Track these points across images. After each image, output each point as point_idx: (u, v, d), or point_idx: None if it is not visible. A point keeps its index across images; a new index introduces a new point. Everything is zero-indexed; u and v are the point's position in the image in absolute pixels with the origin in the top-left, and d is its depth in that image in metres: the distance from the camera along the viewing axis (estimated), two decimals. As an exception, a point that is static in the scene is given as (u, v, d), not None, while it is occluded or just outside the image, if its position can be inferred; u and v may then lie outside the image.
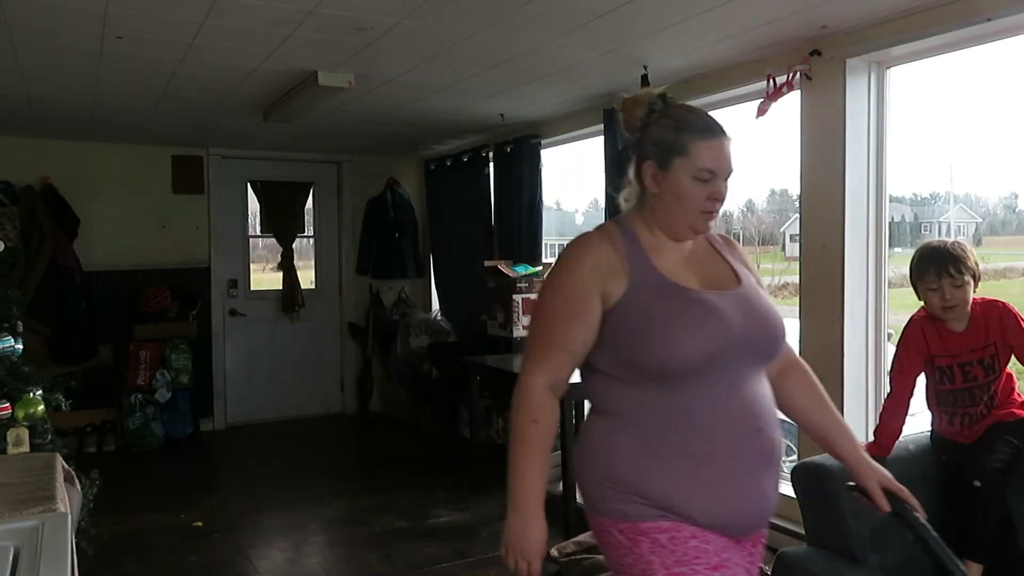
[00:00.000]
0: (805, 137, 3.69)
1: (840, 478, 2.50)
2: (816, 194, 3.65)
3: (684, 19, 3.25)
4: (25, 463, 2.26)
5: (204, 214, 6.66)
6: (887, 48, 3.32)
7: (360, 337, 7.26)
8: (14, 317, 3.08)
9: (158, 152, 6.45)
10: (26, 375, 2.90)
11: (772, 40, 3.56)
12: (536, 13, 3.14)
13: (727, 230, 10.44)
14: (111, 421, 6.11)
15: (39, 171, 5.96)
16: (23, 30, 3.31)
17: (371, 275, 7.27)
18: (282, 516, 4.56)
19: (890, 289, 3.67)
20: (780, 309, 1.74)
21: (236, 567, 3.84)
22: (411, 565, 3.78)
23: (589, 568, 3.48)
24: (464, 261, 6.40)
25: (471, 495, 4.81)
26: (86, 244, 6.07)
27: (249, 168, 6.90)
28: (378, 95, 4.61)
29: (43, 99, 4.64)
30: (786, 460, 5.07)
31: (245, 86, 4.35)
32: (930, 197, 7.18)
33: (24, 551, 1.45)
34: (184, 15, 3.13)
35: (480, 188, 6.32)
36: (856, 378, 3.56)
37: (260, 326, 6.98)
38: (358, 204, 7.27)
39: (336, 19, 3.19)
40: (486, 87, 4.49)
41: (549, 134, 5.60)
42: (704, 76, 4.19)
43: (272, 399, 7.00)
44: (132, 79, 4.18)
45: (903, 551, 2.52)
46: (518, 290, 5.37)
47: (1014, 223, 7.05)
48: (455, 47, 3.64)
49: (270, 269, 7.35)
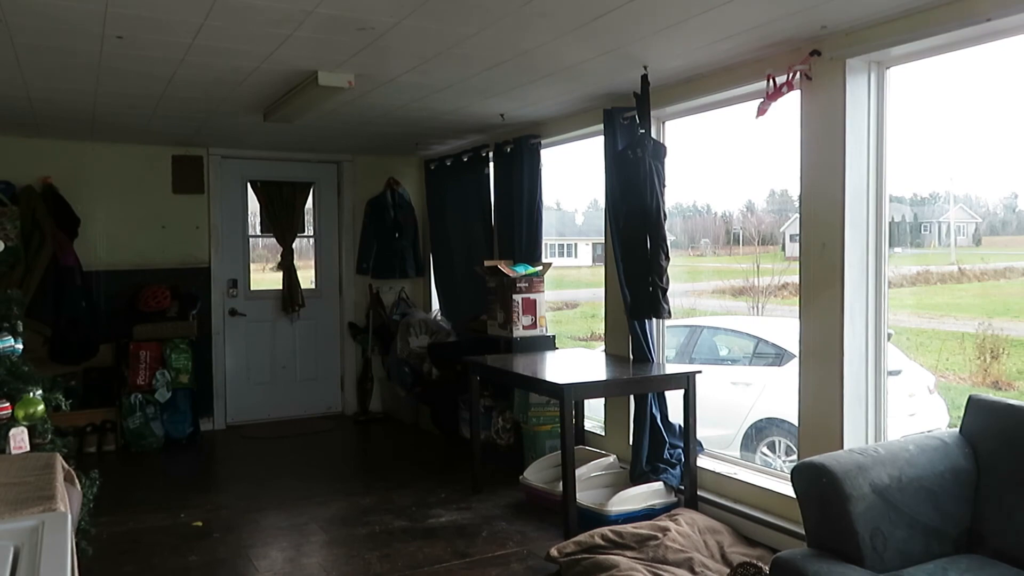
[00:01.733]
0: (805, 137, 3.69)
1: (840, 478, 2.51)
2: (816, 194, 3.65)
3: (684, 19, 3.26)
4: (25, 463, 2.26)
5: (204, 214, 6.66)
6: (887, 48, 3.32)
7: (360, 337, 7.26)
8: (14, 317, 3.08)
9: (158, 152, 6.46)
10: (26, 375, 2.90)
11: (772, 40, 3.56)
12: (536, 13, 3.14)
13: (727, 230, 10.45)
14: (111, 421, 6.11)
15: (39, 171, 5.96)
16: (23, 30, 3.31)
17: (371, 275, 7.27)
18: (282, 516, 4.56)
19: (890, 289, 3.67)
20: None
21: (236, 567, 3.84)
22: (411, 565, 3.78)
23: (589, 568, 3.48)
24: (464, 261, 6.40)
25: (471, 495, 4.81)
26: (86, 244, 6.07)
27: (249, 168, 6.91)
28: (378, 95, 4.61)
29: (43, 99, 4.65)
30: (786, 460, 5.08)
31: (245, 86, 4.35)
32: (930, 197, 7.17)
33: (24, 551, 1.44)
34: (184, 15, 3.13)
35: (480, 188, 6.32)
36: (856, 378, 3.55)
37: (260, 326, 6.98)
38: (358, 204, 7.27)
39: (336, 19, 3.19)
40: (486, 87, 4.49)
41: (549, 134, 5.60)
42: (704, 76, 4.19)
43: (272, 399, 7.00)
44: (132, 79, 4.18)
45: (903, 551, 2.52)
46: (518, 290, 5.37)
47: (1014, 223, 7.05)
48: (455, 47, 3.64)
49: (270, 269, 7.35)
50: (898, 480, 2.57)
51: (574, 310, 11.42)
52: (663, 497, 4.28)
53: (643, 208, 4.35)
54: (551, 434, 5.06)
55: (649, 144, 4.33)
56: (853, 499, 2.46)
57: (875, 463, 2.59)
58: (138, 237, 6.39)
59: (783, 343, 5.53)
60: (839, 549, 2.47)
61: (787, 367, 5.24)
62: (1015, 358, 6.79)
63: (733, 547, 3.78)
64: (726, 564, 3.59)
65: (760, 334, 6.00)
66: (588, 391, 4.49)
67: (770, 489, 3.94)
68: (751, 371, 5.77)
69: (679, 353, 6.09)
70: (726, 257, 10.55)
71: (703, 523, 3.92)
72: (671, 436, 4.48)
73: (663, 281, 4.32)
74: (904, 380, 5.20)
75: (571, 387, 4.10)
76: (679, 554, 3.57)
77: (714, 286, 10.03)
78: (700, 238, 10.96)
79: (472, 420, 5.01)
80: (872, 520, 2.47)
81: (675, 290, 4.53)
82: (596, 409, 5.28)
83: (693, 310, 8.77)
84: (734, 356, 6.12)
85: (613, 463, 4.73)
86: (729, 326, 6.67)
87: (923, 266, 7.81)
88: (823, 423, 3.61)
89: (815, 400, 3.67)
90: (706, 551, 3.70)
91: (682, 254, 9.44)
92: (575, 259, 12.40)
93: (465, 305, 6.42)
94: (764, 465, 4.81)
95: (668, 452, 4.44)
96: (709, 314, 8.48)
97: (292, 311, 7.04)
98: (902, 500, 2.54)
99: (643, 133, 4.34)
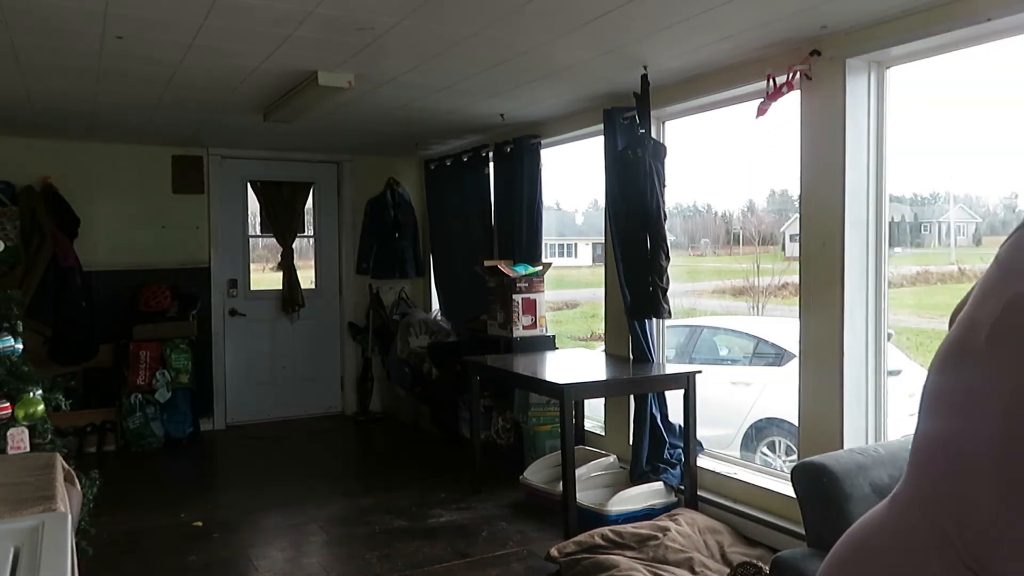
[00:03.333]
0: (805, 137, 3.69)
1: (840, 478, 2.51)
2: (816, 194, 3.65)
3: (684, 19, 3.25)
4: (25, 463, 2.26)
5: (204, 214, 6.66)
6: (887, 48, 3.32)
7: (360, 337, 7.26)
8: (14, 317, 3.08)
9: (158, 152, 6.46)
10: (26, 375, 2.90)
11: (772, 40, 3.56)
12: (536, 13, 3.14)
13: (727, 230, 10.45)
14: (111, 421, 6.11)
15: (39, 171, 5.96)
16: (23, 30, 3.31)
17: (371, 275, 7.27)
18: (282, 516, 4.56)
19: (890, 289, 3.67)
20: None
21: (236, 567, 3.84)
22: (411, 565, 3.78)
23: (589, 568, 3.48)
24: (464, 261, 6.39)
25: (471, 495, 4.81)
26: (86, 244, 6.07)
27: (249, 168, 6.91)
28: (378, 95, 4.61)
29: (43, 99, 4.64)
30: (786, 460, 5.08)
31: (245, 86, 4.35)
32: (930, 197, 7.17)
33: (24, 551, 1.44)
34: (184, 15, 3.13)
35: (480, 188, 6.32)
36: (856, 378, 3.55)
37: (260, 326, 6.98)
38: (358, 204, 7.27)
39: (336, 19, 3.19)
40: (486, 87, 4.49)
41: (549, 134, 5.60)
42: (704, 76, 4.19)
43: (272, 399, 7.00)
44: (132, 79, 4.18)
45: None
46: (518, 290, 5.37)
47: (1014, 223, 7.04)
48: (455, 47, 3.64)
49: (270, 269, 7.35)
50: (898, 480, 2.57)
51: (574, 310, 11.42)
52: (663, 497, 4.28)
53: (643, 208, 4.35)
54: (551, 434, 5.06)
55: (649, 144, 4.33)
56: (853, 499, 2.46)
57: (875, 463, 2.59)
58: (138, 237, 6.39)
59: (783, 343, 5.53)
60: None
61: (787, 367, 5.24)
62: (1015, 358, 6.77)
63: (733, 547, 3.78)
64: (726, 564, 3.59)
65: (760, 334, 6.00)
66: (588, 391, 4.49)
67: (770, 489, 3.94)
68: (751, 371, 5.77)
69: (679, 353, 6.09)
70: (726, 257, 10.56)
71: (703, 523, 3.92)
72: (671, 436, 4.48)
73: (663, 281, 4.32)
74: (904, 380, 5.20)
75: (571, 387, 4.10)
76: (679, 554, 3.57)
77: (714, 286, 10.04)
78: (700, 238, 10.97)
79: (472, 420, 5.01)
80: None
81: (675, 290, 4.53)
82: (596, 409, 5.28)
83: (693, 310, 8.77)
84: (734, 356, 6.12)
85: (613, 463, 4.73)
86: (729, 326, 6.67)
87: (923, 266, 7.81)
88: (823, 423, 3.61)
89: (815, 400, 3.67)
90: (706, 551, 3.70)
91: (682, 254, 9.44)
92: (575, 259, 12.40)
93: (465, 305, 6.42)
94: (764, 465, 4.81)
95: (668, 452, 4.43)
96: (709, 314, 8.48)
97: (292, 311, 7.04)
98: (902, 500, 2.54)
99: (643, 133, 4.34)
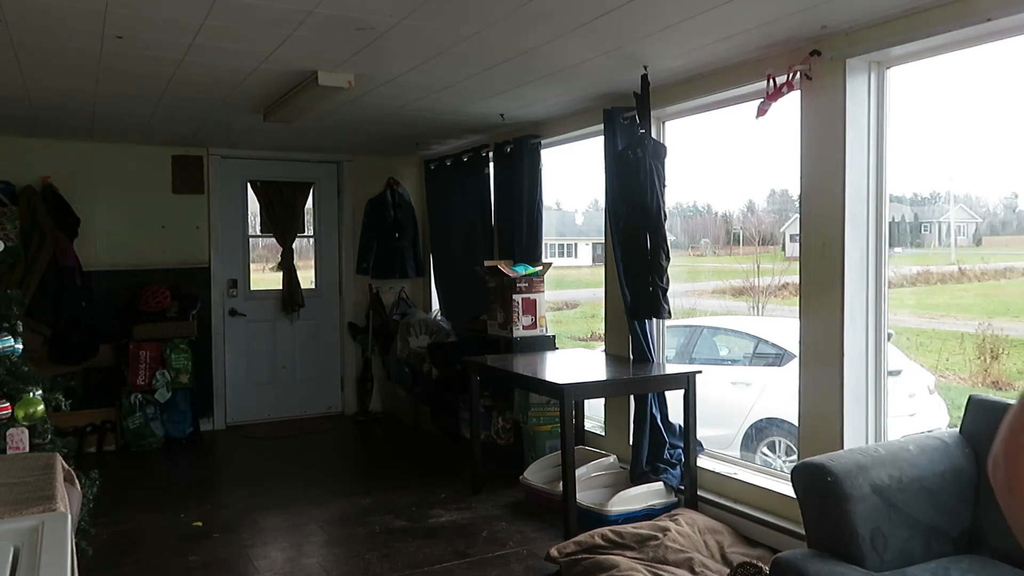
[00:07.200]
0: (805, 137, 3.69)
1: (840, 478, 2.51)
2: (816, 194, 3.65)
3: (684, 19, 3.25)
4: (25, 463, 2.26)
5: (204, 214, 6.66)
6: (887, 48, 3.32)
7: (360, 337, 7.26)
8: (14, 317, 3.08)
9: (158, 152, 6.45)
10: (26, 375, 2.90)
11: (772, 40, 3.55)
12: (536, 13, 3.14)
13: (727, 230, 10.46)
14: (111, 421, 6.11)
15: (39, 171, 5.96)
16: (23, 30, 3.31)
17: (371, 275, 7.27)
18: (282, 516, 4.56)
19: (890, 289, 3.67)
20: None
21: (236, 567, 3.84)
22: (411, 565, 3.78)
23: (589, 568, 3.48)
24: (464, 261, 6.39)
25: (471, 495, 4.81)
26: (86, 244, 6.07)
27: (249, 168, 6.90)
28: (378, 95, 4.61)
29: (43, 99, 4.64)
30: (786, 460, 5.08)
31: (245, 86, 4.35)
32: (930, 197, 7.18)
33: (24, 551, 1.44)
34: (184, 15, 3.13)
35: (480, 188, 6.32)
36: (856, 378, 3.55)
37: (260, 326, 6.98)
38: (358, 204, 7.27)
39: (336, 19, 3.19)
40: (486, 87, 4.49)
41: (549, 134, 5.60)
42: (704, 76, 4.19)
43: (272, 399, 7.00)
44: (132, 79, 4.18)
45: (903, 551, 2.52)
46: (518, 290, 5.36)
47: (1014, 223, 7.05)
48: (455, 47, 3.64)
49: (270, 269, 7.35)
50: (898, 480, 2.57)
51: (574, 310, 11.43)
52: (663, 497, 4.28)
53: (643, 208, 4.35)
54: (551, 434, 5.06)
55: (649, 144, 4.33)
56: (853, 499, 2.46)
57: (875, 463, 2.59)
58: (138, 237, 6.39)
59: (783, 343, 5.53)
60: (839, 549, 2.47)
61: (787, 367, 5.24)
62: (1015, 358, 6.80)
63: (733, 547, 3.78)
64: (726, 564, 3.59)
65: (760, 334, 6.01)
66: (588, 391, 4.49)
67: (770, 489, 3.94)
68: (751, 371, 5.77)
69: (679, 353, 6.09)
70: (726, 257, 10.57)
71: (703, 523, 3.92)
72: (671, 436, 4.48)
73: (663, 281, 4.32)
74: (904, 380, 5.20)
75: (571, 387, 4.09)
76: (679, 554, 3.57)
77: (714, 286, 10.04)
78: (700, 238, 10.98)
79: (472, 420, 5.01)
80: (872, 520, 2.47)
81: (675, 290, 4.53)
82: (596, 409, 5.28)
83: (693, 310, 8.78)
84: (734, 356, 6.12)
85: (613, 463, 4.73)
86: (729, 326, 6.67)
87: (923, 266, 7.82)
88: (823, 423, 3.61)
89: (815, 400, 3.67)
90: (706, 551, 3.70)
91: (682, 254, 9.45)
92: (575, 259, 12.42)
93: (465, 305, 6.41)
94: (764, 465, 4.81)
95: (668, 452, 4.43)
96: (709, 314, 8.49)
97: (292, 311, 7.04)
98: (902, 500, 2.54)
99: (643, 133, 4.34)
